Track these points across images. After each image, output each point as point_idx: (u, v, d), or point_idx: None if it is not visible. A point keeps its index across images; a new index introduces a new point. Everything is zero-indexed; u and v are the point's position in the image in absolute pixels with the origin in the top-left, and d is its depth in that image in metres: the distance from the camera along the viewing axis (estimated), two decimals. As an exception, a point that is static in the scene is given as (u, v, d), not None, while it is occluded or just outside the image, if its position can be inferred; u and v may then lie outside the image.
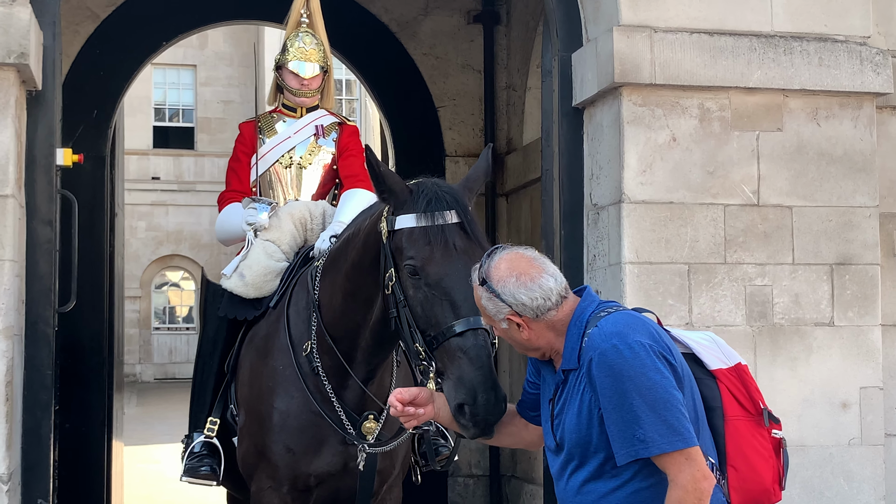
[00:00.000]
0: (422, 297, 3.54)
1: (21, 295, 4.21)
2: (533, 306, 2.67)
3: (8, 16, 4.01)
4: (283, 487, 4.22)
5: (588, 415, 2.61)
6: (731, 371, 2.77)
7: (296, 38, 5.23)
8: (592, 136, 4.76)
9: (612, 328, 2.59)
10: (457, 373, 3.33)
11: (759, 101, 4.62)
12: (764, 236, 4.58)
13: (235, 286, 4.70)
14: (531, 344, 2.75)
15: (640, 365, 2.51)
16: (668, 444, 2.48)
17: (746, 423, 2.73)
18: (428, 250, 3.54)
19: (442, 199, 3.59)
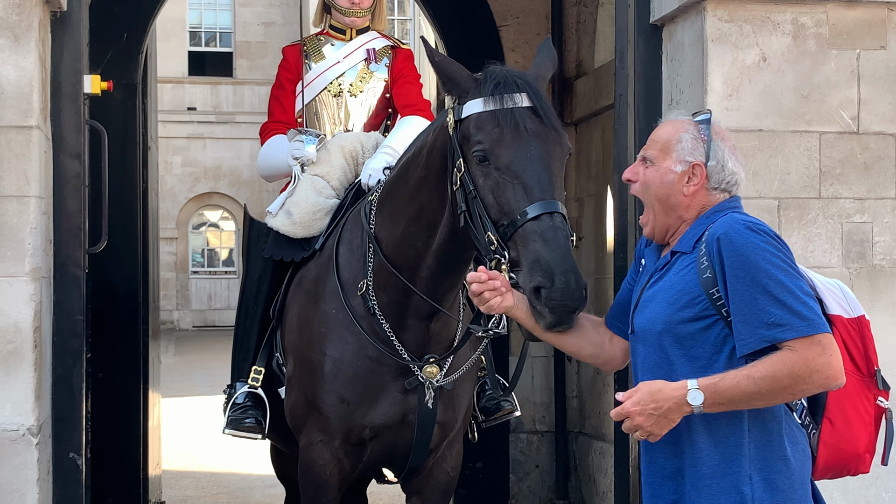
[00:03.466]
0: (492, 184, 3.53)
1: (48, 234, 4.26)
2: (726, 175, 2.81)
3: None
4: (336, 441, 4.28)
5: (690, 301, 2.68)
6: (851, 322, 2.76)
7: (346, -49, 5.21)
8: (672, 57, 4.69)
9: (743, 217, 2.72)
10: (532, 256, 3.33)
11: (861, 15, 4.51)
12: (864, 168, 4.50)
13: (282, 225, 4.74)
14: (677, 201, 2.82)
15: (775, 249, 2.60)
16: (806, 327, 2.52)
17: (854, 381, 2.71)
18: (498, 133, 3.53)
19: (512, 82, 3.59)
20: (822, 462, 2.71)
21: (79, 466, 4.34)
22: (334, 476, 4.33)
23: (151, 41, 7.20)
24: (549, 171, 3.49)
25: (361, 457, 4.33)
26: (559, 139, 3.60)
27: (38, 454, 4.12)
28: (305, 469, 4.41)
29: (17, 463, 4.08)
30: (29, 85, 4.11)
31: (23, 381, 4.09)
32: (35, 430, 4.11)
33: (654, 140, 2.87)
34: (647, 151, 2.88)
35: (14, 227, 4.09)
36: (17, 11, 4.08)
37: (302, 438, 4.42)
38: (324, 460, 4.31)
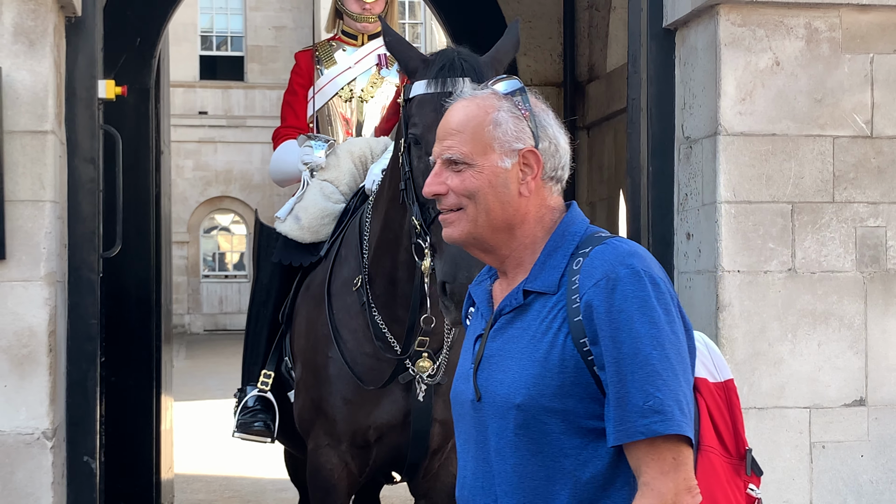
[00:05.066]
0: (423, 168, 3.58)
1: (63, 239, 4.29)
2: (561, 156, 2.16)
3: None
4: (343, 444, 4.32)
5: (559, 364, 2.00)
6: (718, 387, 2.21)
7: (358, -43, 5.24)
8: (685, 61, 4.69)
9: (632, 250, 2.05)
10: (443, 247, 3.43)
11: (874, 19, 4.50)
12: (878, 172, 4.49)
13: (290, 230, 4.78)
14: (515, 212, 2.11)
15: (665, 310, 1.98)
16: (687, 426, 1.96)
17: (722, 462, 2.18)
18: (432, 117, 3.56)
19: (458, 65, 3.67)
20: None
21: (93, 470, 4.37)
22: (343, 480, 4.35)
23: (164, 45, 7.24)
24: None
25: (368, 459, 4.37)
26: None
27: (53, 458, 4.14)
28: (314, 473, 4.44)
29: (31, 466, 4.10)
30: (44, 90, 4.14)
31: (38, 385, 4.11)
32: (50, 434, 4.12)
33: (457, 130, 2.10)
34: (450, 150, 2.10)
35: (29, 232, 4.10)
36: (32, 17, 4.10)
37: (310, 442, 4.45)
38: (331, 464, 4.35)
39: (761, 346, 4.39)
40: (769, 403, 4.39)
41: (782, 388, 4.40)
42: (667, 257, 4.70)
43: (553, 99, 7.21)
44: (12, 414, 4.09)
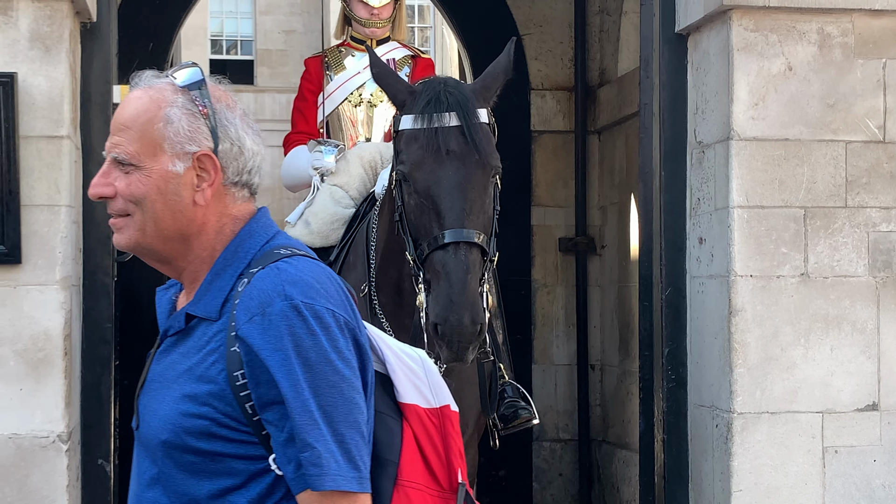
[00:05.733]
0: (413, 204, 3.67)
1: (78, 243, 4.30)
2: (247, 159, 1.92)
3: (59, -59, 4.05)
4: None
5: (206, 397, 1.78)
6: (432, 413, 1.97)
7: (366, -36, 5.26)
8: (698, 66, 4.70)
9: (294, 277, 1.78)
10: (434, 289, 3.51)
11: (887, 24, 4.50)
12: (890, 177, 4.49)
13: (300, 235, 4.77)
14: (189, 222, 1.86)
15: (330, 348, 1.75)
16: (345, 481, 1.73)
17: (426, 497, 1.93)
18: (419, 154, 3.65)
19: (443, 99, 3.68)
20: None
21: (107, 473, 4.38)
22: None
23: (176, 49, 7.24)
24: (465, 198, 3.61)
25: None
26: (482, 161, 3.67)
27: (68, 461, 4.14)
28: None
29: (46, 469, 4.10)
30: (60, 95, 4.14)
31: (53, 389, 4.12)
32: (65, 437, 4.13)
33: (125, 126, 1.84)
34: (117, 148, 1.83)
35: (45, 236, 4.11)
36: (48, 23, 4.11)
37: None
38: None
39: (774, 350, 4.39)
40: (781, 408, 4.38)
41: (795, 392, 4.40)
42: (679, 262, 4.71)
43: (564, 103, 7.22)
44: (28, 417, 4.09)
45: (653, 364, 4.79)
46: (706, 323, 4.58)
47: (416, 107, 3.71)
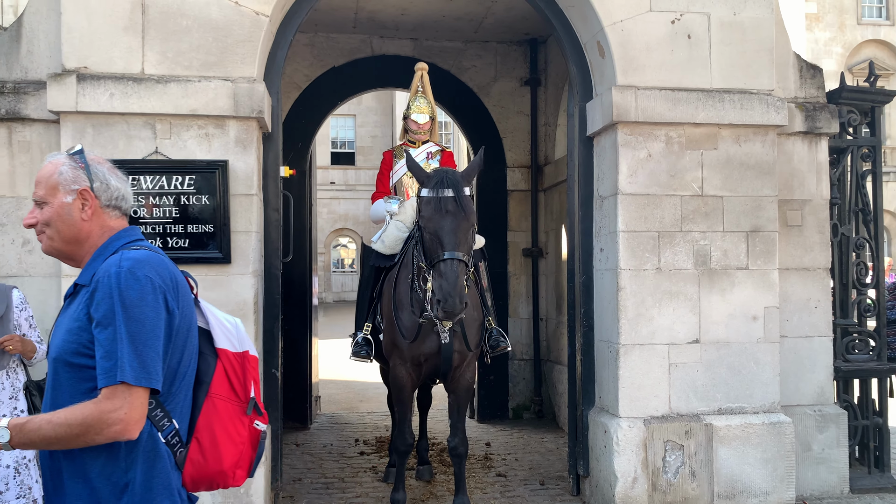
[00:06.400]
0: (427, 238, 3.74)
1: (261, 252, 4.29)
2: (113, 191, 1.81)
3: (252, 89, 4.04)
4: (407, 363, 4.34)
5: (77, 331, 1.69)
6: (236, 356, 1.85)
7: (415, 100, 5.28)
8: (598, 154, 4.69)
9: (135, 256, 1.70)
10: (438, 282, 3.60)
11: (703, 131, 4.49)
12: (705, 215, 4.48)
13: (379, 248, 4.81)
14: (79, 231, 1.79)
15: (140, 297, 1.64)
16: (133, 377, 1.60)
17: (227, 405, 1.81)
18: (430, 211, 3.73)
19: (445, 181, 3.77)
20: (188, 476, 1.76)
21: (277, 377, 4.35)
22: (408, 382, 4.37)
23: (313, 146, 7.27)
24: (456, 236, 3.67)
25: (420, 371, 4.37)
26: (466, 217, 3.74)
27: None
28: (393, 378, 4.46)
29: None
30: (251, 172, 4.13)
31: (249, 331, 3.96)
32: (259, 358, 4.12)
33: (38, 182, 1.80)
34: (36, 195, 1.80)
35: (243, 248, 4.10)
36: (245, 132, 4.10)
37: (391, 362, 4.46)
38: (401, 374, 4.36)
39: (641, 310, 4.39)
40: (646, 342, 4.38)
41: (653, 333, 4.40)
42: (589, 262, 4.69)
43: (525, 174, 7.21)
44: None
45: (575, 318, 4.78)
46: (604, 295, 4.58)
47: (430, 184, 3.79)
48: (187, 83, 3.98)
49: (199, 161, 4.00)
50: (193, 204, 3.99)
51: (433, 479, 5.14)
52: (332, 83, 7.06)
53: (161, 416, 1.69)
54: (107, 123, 3.98)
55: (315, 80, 7.03)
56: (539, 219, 7.17)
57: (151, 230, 3.98)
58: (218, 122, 4.04)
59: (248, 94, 4.02)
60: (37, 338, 3.48)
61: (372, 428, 6.78)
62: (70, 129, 3.97)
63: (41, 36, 4.17)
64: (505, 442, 6.27)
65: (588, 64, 4.70)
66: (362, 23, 6.72)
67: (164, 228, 3.99)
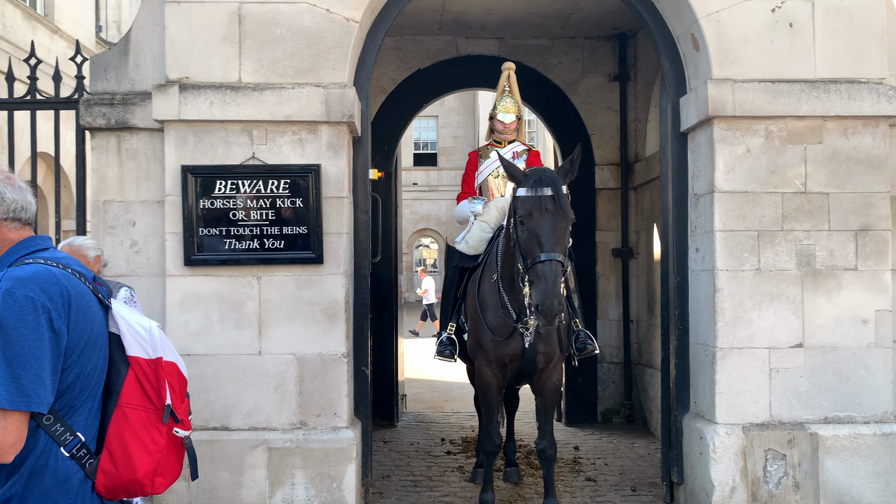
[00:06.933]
0: (525, 237, 3.68)
1: (351, 252, 4.39)
2: (9, 203, 1.74)
3: (342, 94, 4.17)
4: (492, 364, 4.37)
5: None
6: (149, 363, 1.80)
7: (501, 99, 5.32)
8: (693, 150, 4.58)
9: (17, 275, 1.64)
10: (536, 285, 3.51)
11: (806, 124, 4.29)
12: (808, 213, 4.29)
13: (463, 248, 4.87)
14: None
15: (18, 318, 1.58)
16: (8, 402, 1.56)
17: (140, 414, 1.77)
18: (528, 210, 3.69)
19: (543, 180, 3.73)
20: (101, 486, 1.73)
21: (366, 375, 4.46)
22: (493, 383, 4.40)
23: (398, 149, 7.43)
24: (554, 235, 3.61)
25: (506, 372, 4.39)
26: (565, 216, 3.69)
27: (347, 367, 4.24)
28: (479, 379, 4.51)
29: (336, 372, 4.21)
30: (342, 175, 4.24)
31: (339, 329, 4.22)
32: (345, 355, 4.23)
33: None
34: None
35: (335, 249, 4.22)
36: (336, 137, 4.22)
37: (476, 362, 4.51)
38: (487, 375, 4.40)
39: (740, 312, 4.26)
40: (745, 345, 4.25)
41: (752, 337, 4.26)
42: (684, 262, 4.60)
43: (614, 172, 7.11)
44: (327, 344, 4.21)
45: (669, 320, 4.68)
46: (700, 297, 4.47)
47: (528, 183, 3.74)
48: (281, 90, 4.17)
49: (293, 165, 4.16)
50: (288, 207, 4.16)
51: (521, 481, 5.16)
52: (418, 85, 7.19)
53: (62, 430, 1.66)
54: (207, 131, 4.22)
55: (401, 83, 7.17)
56: (629, 218, 7.04)
57: (249, 232, 4.18)
58: (311, 127, 4.19)
59: (339, 99, 4.16)
60: None
61: (458, 428, 6.86)
62: (173, 137, 4.23)
63: (146, 49, 4.45)
64: (594, 446, 6.21)
65: (681, 57, 4.60)
66: (447, 24, 6.82)
67: (260, 230, 4.17)
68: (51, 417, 1.64)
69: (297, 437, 4.14)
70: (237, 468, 4.12)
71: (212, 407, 4.18)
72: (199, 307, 4.20)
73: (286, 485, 4.12)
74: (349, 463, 4.13)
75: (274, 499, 4.12)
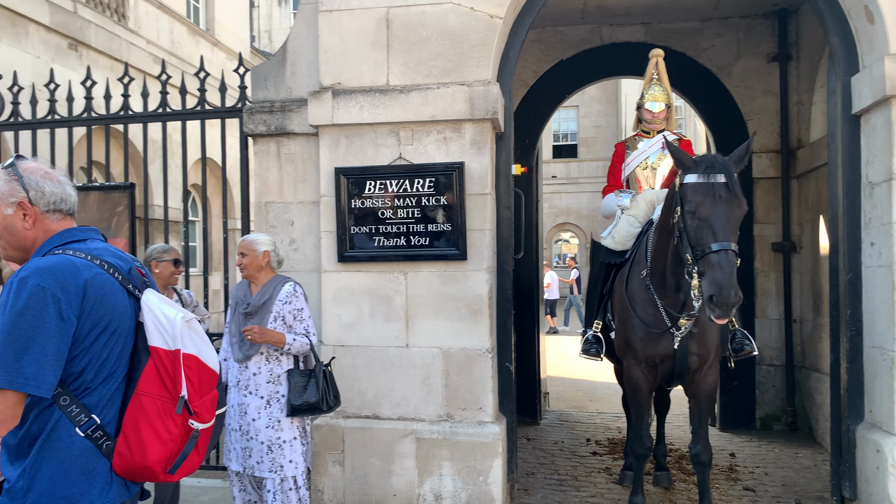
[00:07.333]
0: (695, 227, 3.50)
1: (494, 248, 4.44)
2: (49, 196, 1.87)
3: (486, 91, 4.22)
4: (642, 364, 4.27)
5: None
6: (168, 353, 1.84)
7: (649, 88, 5.17)
8: (867, 134, 4.20)
9: (37, 265, 1.74)
10: (710, 275, 3.33)
11: None
12: None
13: (609, 243, 4.79)
14: (24, 239, 1.87)
15: (26, 306, 1.68)
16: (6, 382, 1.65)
17: (156, 403, 1.81)
18: (700, 197, 3.49)
19: (715, 166, 3.53)
20: (117, 467, 1.81)
21: (510, 371, 4.49)
22: (643, 383, 4.30)
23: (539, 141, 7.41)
24: (729, 224, 3.40)
25: (656, 373, 4.27)
26: (739, 205, 3.47)
27: (491, 363, 4.30)
28: (627, 379, 4.41)
29: (481, 367, 4.29)
30: (485, 171, 4.30)
31: (483, 325, 4.29)
32: (490, 350, 4.30)
33: None
34: None
35: (478, 246, 4.30)
36: (479, 134, 4.29)
37: (624, 362, 4.42)
38: (636, 375, 4.30)
39: (926, 313, 3.86)
40: (932, 350, 3.85)
41: (942, 340, 3.85)
42: (856, 257, 4.24)
43: (773, 160, 6.67)
44: (471, 339, 4.29)
45: (839, 320, 4.34)
46: (875, 295, 4.10)
47: (698, 169, 3.56)
48: (427, 91, 4.31)
49: (437, 164, 4.28)
50: (433, 205, 4.29)
51: (672, 486, 5.00)
52: (560, 77, 7.12)
53: (77, 411, 1.76)
54: (357, 133, 4.44)
55: (542, 76, 7.13)
56: (791, 209, 6.58)
57: (396, 230, 4.35)
58: (455, 125, 4.29)
59: (482, 96, 4.22)
60: (302, 330, 3.54)
61: (603, 428, 6.76)
62: (327, 141, 4.50)
63: (301, 58, 4.76)
64: (752, 454, 5.87)
65: (853, 32, 4.24)
66: (591, 12, 6.70)
67: (407, 228, 4.34)
68: (66, 398, 1.74)
69: (444, 430, 4.26)
70: (387, 456, 4.32)
71: (364, 396, 4.41)
72: (351, 301, 4.43)
73: (434, 475, 4.26)
74: (495, 458, 4.20)
75: (423, 488, 4.27)
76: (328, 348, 4.45)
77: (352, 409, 4.41)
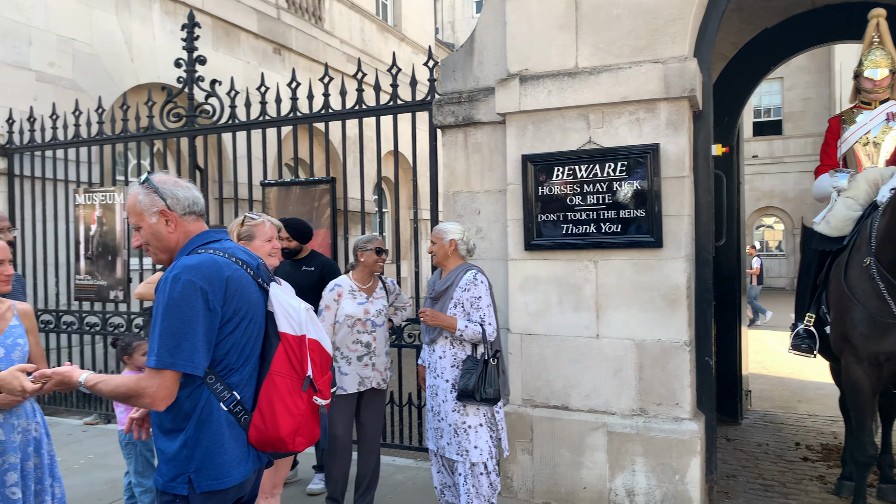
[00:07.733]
0: None
1: (692, 235, 4.28)
2: (184, 203, 2.14)
3: (682, 67, 4.05)
4: (863, 363, 3.92)
5: None
6: (295, 339, 2.11)
7: (868, 53, 4.72)
8: None
9: (186, 263, 2.01)
10: None
11: None
12: None
13: (823, 229, 4.47)
14: (168, 242, 2.15)
15: (181, 298, 1.94)
16: (160, 363, 1.94)
17: (286, 381, 2.09)
18: None
19: None
20: (253, 439, 2.08)
21: (710, 366, 4.32)
22: (866, 385, 3.95)
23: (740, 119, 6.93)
24: None
25: (881, 373, 3.90)
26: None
27: (689, 356, 4.16)
28: (846, 379, 4.07)
29: (677, 360, 4.16)
30: (682, 153, 4.14)
31: (680, 316, 4.15)
32: (688, 343, 4.16)
33: (129, 212, 2.16)
34: (132, 222, 2.17)
35: (675, 232, 4.16)
36: (676, 113, 4.13)
37: (842, 360, 4.10)
38: (857, 374, 3.96)
39: None
40: None
41: None
42: None
43: None
44: (667, 331, 4.17)
45: None
46: None
47: None
48: (618, 71, 4.20)
49: (629, 147, 4.17)
50: (625, 190, 4.18)
51: (901, 501, 4.50)
52: (764, 47, 6.60)
53: (221, 388, 2.03)
54: (545, 119, 4.44)
55: (743, 48, 6.67)
56: None
57: (585, 216, 4.30)
58: (648, 105, 4.16)
59: (678, 73, 4.05)
60: (477, 318, 3.55)
61: (815, 433, 6.22)
62: (514, 128, 4.55)
63: (489, 47, 4.85)
64: None
65: None
66: (800, -27, 6.14)
67: (597, 214, 4.28)
68: (213, 377, 2.02)
69: (637, 424, 4.17)
70: (577, 448, 4.31)
71: (552, 386, 4.43)
72: (538, 289, 4.46)
73: (626, 471, 4.18)
74: (693, 456, 4.04)
75: (614, 483, 4.22)
76: (515, 336, 4.52)
77: (540, 398, 4.46)
